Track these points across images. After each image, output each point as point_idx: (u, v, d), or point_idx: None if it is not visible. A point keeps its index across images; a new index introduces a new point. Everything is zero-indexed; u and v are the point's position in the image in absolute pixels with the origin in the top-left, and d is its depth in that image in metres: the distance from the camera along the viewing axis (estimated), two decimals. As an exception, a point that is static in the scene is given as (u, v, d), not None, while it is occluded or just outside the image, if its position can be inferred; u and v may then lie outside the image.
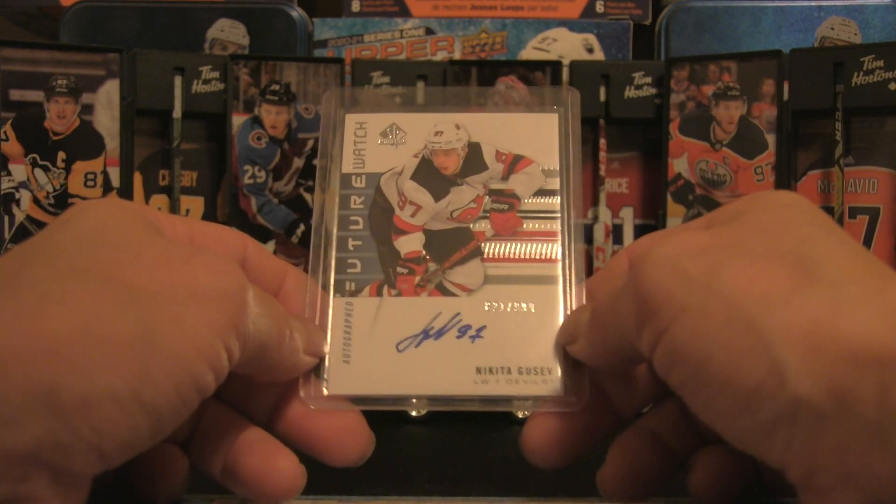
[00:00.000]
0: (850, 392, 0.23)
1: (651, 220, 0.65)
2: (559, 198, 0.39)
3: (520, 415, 0.54)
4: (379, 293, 0.38)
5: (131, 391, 0.25)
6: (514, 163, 0.40)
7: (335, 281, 0.38)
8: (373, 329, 0.37)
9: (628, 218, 0.66)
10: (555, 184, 0.40)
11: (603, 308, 0.31)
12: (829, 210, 0.59)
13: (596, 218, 0.64)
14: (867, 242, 0.59)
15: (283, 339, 0.32)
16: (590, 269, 0.64)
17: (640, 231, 0.66)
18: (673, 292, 0.26)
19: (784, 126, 0.60)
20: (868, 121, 0.59)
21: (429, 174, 0.41)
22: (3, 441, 0.24)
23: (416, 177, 0.41)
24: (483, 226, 0.40)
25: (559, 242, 0.38)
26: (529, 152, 0.41)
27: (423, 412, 0.53)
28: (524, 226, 0.39)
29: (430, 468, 0.41)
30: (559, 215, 0.39)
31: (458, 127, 0.41)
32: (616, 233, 0.65)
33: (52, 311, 0.25)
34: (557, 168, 0.40)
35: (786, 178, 0.60)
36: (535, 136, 0.41)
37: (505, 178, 0.40)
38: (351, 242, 0.39)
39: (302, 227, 0.63)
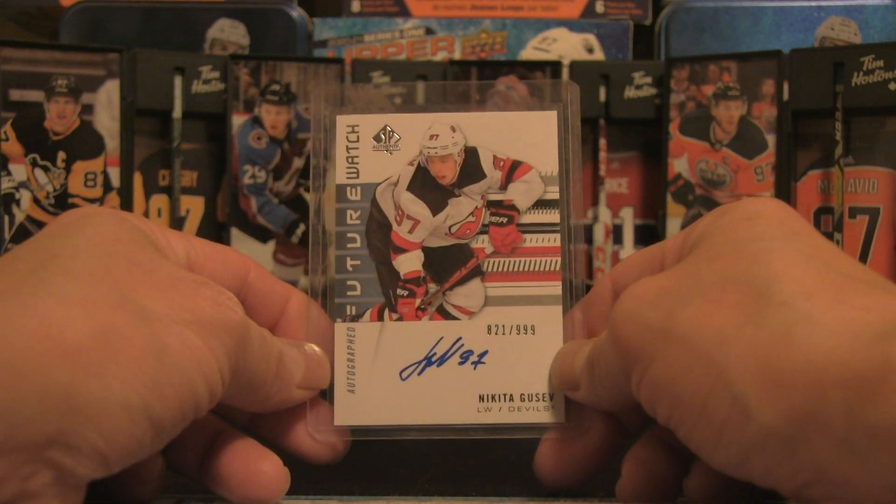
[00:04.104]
0: (814, 415, 0.23)
1: (651, 220, 0.65)
2: (559, 209, 0.38)
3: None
4: (380, 317, 0.38)
5: (142, 402, 0.26)
6: (513, 170, 0.38)
7: (336, 305, 0.38)
8: (376, 356, 0.37)
9: (628, 218, 0.66)
10: (555, 192, 0.38)
11: (594, 360, 0.33)
12: (828, 210, 0.59)
13: (596, 218, 0.64)
14: (867, 242, 0.59)
15: (272, 377, 0.33)
16: (589, 270, 0.64)
17: (639, 231, 0.66)
18: (641, 344, 0.28)
19: (784, 126, 0.60)
20: (868, 121, 0.59)
21: (425, 184, 0.39)
22: (17, 438, 0.24)
23: (412, 187, 0.39)
24: (482, 242, 0.38)
25: (560, 258, 0.37)
26: (528, 156, 0.38)
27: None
28: (525, 241, 0.38)
29: (430, 468, 0.41)
30: (559, 229, 0.38)
31: (453, 129, 0.39)
32: (616, 233, 0.65)
33: (73, 315, 0.25)
34: (557, 172, 0.38)
35: (786, 178, 0.60)
36: (533, 136, 0.39)
37: (504, 187, 0.38)
38: (349, 262, 0.38)
39: (302, 227, 0.63)
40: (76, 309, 0.26)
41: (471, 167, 0.39)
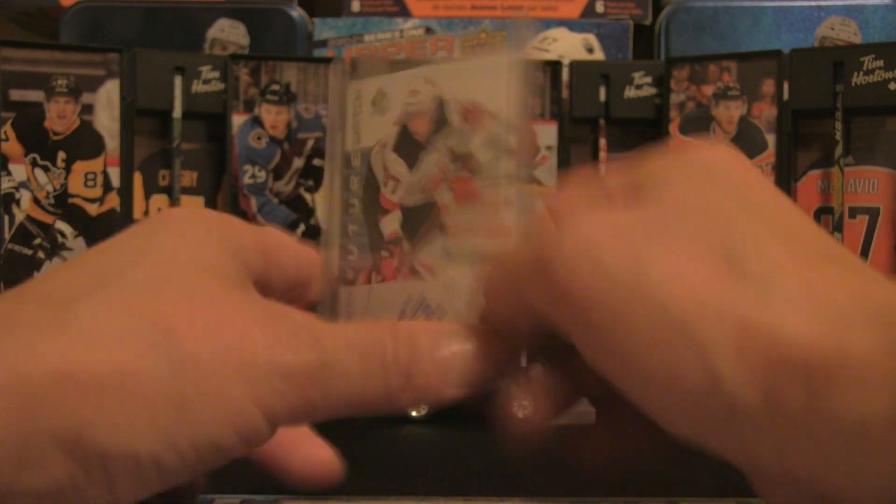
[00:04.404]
0: (779, 395, 0.22)
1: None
2: (516, 159, 0.36)
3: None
4: (369, 280, 0.38)
5: (151, 455, 0.25)
6: (476, 119, 0.37)
7: (340, 270, 0.38)
8: (365, 318, 0.37)
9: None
10: (513, 142, 0.36)
11: (504, 279, 0.29)
12: (828, 210, 0.59)
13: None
14: (867, 242, 0.59)
15: (382, 400, 0.28)
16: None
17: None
18: (598, 297, 0.25)
19: (784, 126, 0.60)
20: (868, 121, 0.59)
21: (405, 142, 0.38)
22: (25, 482, 0.24)
23: (397, 147, 0.39)
24: (446, 197, 0.37)
25: (513, 211, 0.37)
26: (490, 104, 0.37)
27: (423, 412, 0.53)
28: (483, 195, 0.37)
29: (430, 468, 0.41)
30: (516, 180, 0.37)
31: (429, 83, 0.38)
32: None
33: (93, 352, 0.24)
34: (515, 121, 0.36)
35: (786, 177, 0.60)
36: (490, 83, 0.38)
37: (467, 138, 0.37)
38: (350, 228, 0.39)
39: (302, 227, 0.63)
40: (98, 346, 0.24)
41: (441, 120, 0.39)
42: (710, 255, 0.24)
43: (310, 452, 0.33)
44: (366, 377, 0.27)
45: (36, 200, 0.59)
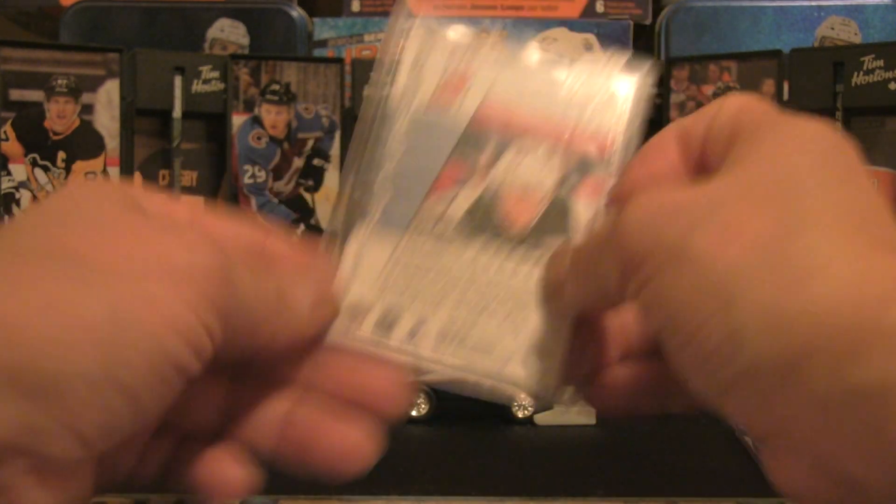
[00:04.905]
0: (801, 365, 0.23)
1: (651, 220, 0.65)
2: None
3: (519, 415, 0.54)
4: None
5: (101, 370, 0.25)
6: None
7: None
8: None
9: (628, 218, 0.66)
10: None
11: (583, 255, 0.31)
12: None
13: (596, 218, 0.64)
14: (867, 242, 0.59)
15: (273, 313, 0.30)
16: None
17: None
18: (649, 255, 0.27)
19: (784, 126, 0.60)
20: (868, 121, 0.59)
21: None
22: None
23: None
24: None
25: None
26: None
27: (424, 412, 0.53)
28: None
29: (430, 468, 0.41)
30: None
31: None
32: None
33: (11, 293, 0.25)
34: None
35: (786, 177, 0.60)
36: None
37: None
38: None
39: (302, 227, 0.63)
40: (13, 287, 0.25)
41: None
42: (760, 229, 0.25)
43: (339, 436, 0.32)
44: (260, 279, 0.30)
45: (36, 200, 0.59)
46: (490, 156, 0.35)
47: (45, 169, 0.59)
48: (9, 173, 0.59)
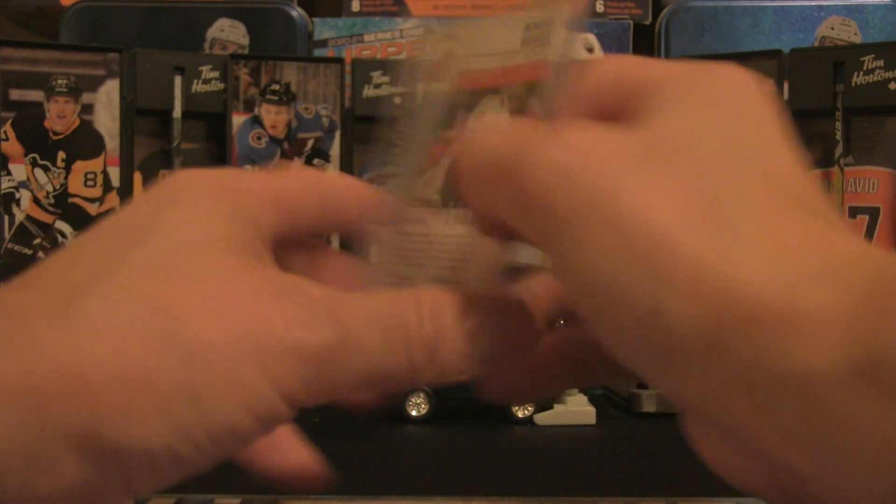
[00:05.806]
0: (721, 340, 0.22)
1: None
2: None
3: (519, 415, 0.54)
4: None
5: (166, 447, 0.24)
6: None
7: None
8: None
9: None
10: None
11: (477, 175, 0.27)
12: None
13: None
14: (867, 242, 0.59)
15: (406, 372, 0.27)
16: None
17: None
18: (567, 207, 0.25)
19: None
20: (868, 121, 0.59)
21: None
22: (38, 486, 0.24)
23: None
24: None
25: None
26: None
27: (424, 412, 0.53)
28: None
29: (430, 468, 0.41)
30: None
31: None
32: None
33: (101, 349, 0.24)
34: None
35: (786, 177, 0.60)
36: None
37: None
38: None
39: (302, 227, 0.63)
40: (106, 342, 0.24)
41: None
42: (688, 193, 0.24)
43: (288, 457, 0.32)
44: (388, 353, 0.26)
45: (36, 200, 0.59)
46: (460, 126, 0.34)
47: (45, 169, 0.59)
48: (9, 173, 0.59)
